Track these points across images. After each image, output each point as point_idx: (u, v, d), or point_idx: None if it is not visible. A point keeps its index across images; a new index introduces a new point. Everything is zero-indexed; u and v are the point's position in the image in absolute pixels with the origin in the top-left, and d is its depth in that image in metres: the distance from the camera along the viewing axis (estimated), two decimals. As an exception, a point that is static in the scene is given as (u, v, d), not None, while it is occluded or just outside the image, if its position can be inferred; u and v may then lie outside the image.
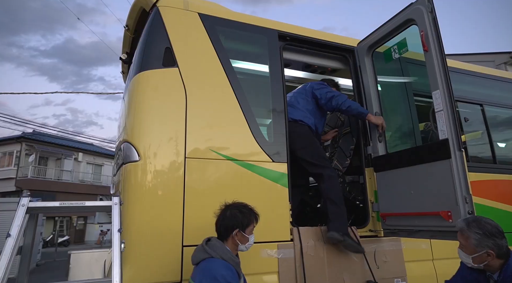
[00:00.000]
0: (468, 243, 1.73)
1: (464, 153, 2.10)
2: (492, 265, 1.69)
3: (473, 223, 1.74)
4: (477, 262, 1.71)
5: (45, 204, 1.26)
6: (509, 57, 12.27)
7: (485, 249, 1.67)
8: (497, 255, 1.67)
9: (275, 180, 2.46)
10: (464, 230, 1.76)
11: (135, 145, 2.20)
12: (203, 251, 1.78)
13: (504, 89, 3.85)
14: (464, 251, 1.75)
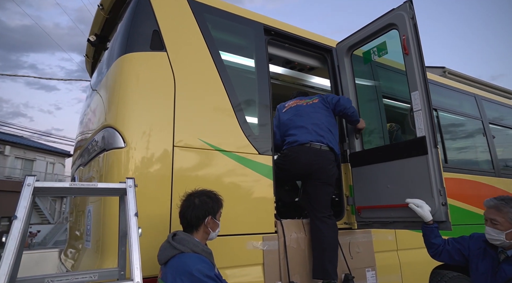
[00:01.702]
0: (505, 218, 1.84)
1: (439, 149, 2.29)
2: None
3: (508, 199, 1.87)
4: (510, 237, 1.83)
5: (53, 185, 1.09)
6: (442, 72, 13.71)
7: None
8: None
9: (261, 172, 2.45)
10: (501, 206, 1.86)
11: (120, 130, 2.05)
12: (171, 248, 1.65)
13: (450, 96, 4.27)
14: (498, 228, 1.86)
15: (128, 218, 1.14)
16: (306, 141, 2.63)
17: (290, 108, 2.90)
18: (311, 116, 2.74)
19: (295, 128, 2.74)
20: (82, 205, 2.64)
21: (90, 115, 2.83)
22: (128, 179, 1.22)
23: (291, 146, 2.69)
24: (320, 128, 2.69)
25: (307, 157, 2.61)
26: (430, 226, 2.19)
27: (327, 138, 2.65)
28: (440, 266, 3.20)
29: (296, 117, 2.79)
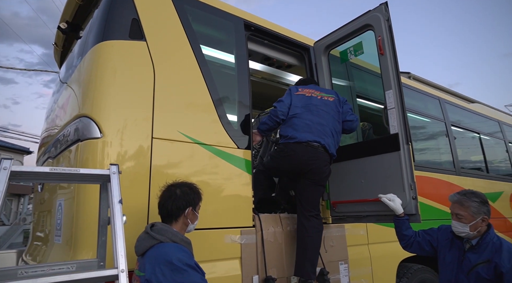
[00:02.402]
0: (467, 212, 1.95)
1: (410, 146, 2.41)
2: (480, 231, 1.95)
3: (469, 194, 1.99)
4: (473, 229, 1.94)
5: (32, 169, 1.01)
6: (408, 77, 14.39)
7: (481, 216, 1.93)
8: (487, 221, 1.94)
9: (240, 166, 2.46)
10: (463, 201, 1.98)
11: (97, 120, 1.97)
12: (150, 238, 1.62)
13: (416, 98, 4.49)
14: (462, 221, 1.97)
15: (112, 205, 1.10)
16: (304, 140, 2.53)
17: (303, 96, 2.71)
18: (320, 115, 2.62)
19: (299, 124, 2.60)
20: (50, 202, 2.51)
21: (60, 108, 2.70)
22: (112, 165, 1.17)
23: (287, 141, 2.59)
24: (323, 130, 2.59)
25: (304, 156, 2.53)
26: (401, 219, 2.29)
27: (326, 141, 2.56)
28: (406, 259, 3.36)
29: (305, 112, 2.63)
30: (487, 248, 1.92)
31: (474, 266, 1.92)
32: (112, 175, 1.14)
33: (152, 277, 1.47)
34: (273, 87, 4.12)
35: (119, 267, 1.03)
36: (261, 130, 2.73)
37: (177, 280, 1.46)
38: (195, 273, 1.53)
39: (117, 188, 1.11)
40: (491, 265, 1.86)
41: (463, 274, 1.96)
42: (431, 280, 3.45)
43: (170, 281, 1.45)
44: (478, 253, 1.94)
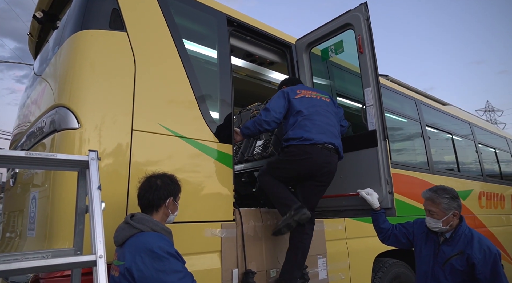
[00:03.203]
0: (439, 208, 2.03)
1: (387, 142, 2.48)
2: (453, 225, 2.03)
3: (440, 190, 2.07)
4: (445, 224, 2.02)
5: (5, 153, 0.96)
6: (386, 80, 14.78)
7: (452, 211, 2.00)
8: (459, 215, 2.02)
9: (220, 160, 2.46)
10: (435, 198, 2.06)
11: (74, 110, 1.92)
12: (130, 227, 1.61)
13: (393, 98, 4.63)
14: (435, 217, 2.04)
15: (91, 191, 1.08)
16: (320, 142, 2.43)
17: (304, 98, 2.63)
18: (326, 116, 2.58)
19: (310, 125, 2.48)
20: (22, 198, 2.43)
21: (34, 101, 2.61)
22: (90, 151, 1.15)
23: (302, 143, 2.43)
24: (333, 131, 2.55)
25: (319, 159, 2.43)
26: (378, 212, 2.36)
27: (338, 143, 2.53)
28: (381, 254, 3.46)
29: (313, 113, 2.54)
30: (460, 241, 2.01)
31: (448, 258, 2.00)
32: (91, 161, 1.11)
33: (132, 265, 1.45)
34: (254, 84, 4.14)
35: (97, 253, 1.01)
36: (243, 134, 2.67)
37: (158, 268, 1.45)
38: (176, 261, 1.52)
39: (96, 174, 1.09)
40: (464, 256, 1.95)
41: (439, 266, 2.04)
42: (405, 274, 3.56)
43: (151, 269, 1.44)
44: (451, 245, 2.03)
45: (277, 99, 2.63)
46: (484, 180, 5.65)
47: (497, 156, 6.55)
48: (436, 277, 2.02)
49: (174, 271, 1.50)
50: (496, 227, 5.46)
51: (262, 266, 2.49)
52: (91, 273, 1.52)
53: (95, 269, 1.02)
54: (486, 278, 1.87)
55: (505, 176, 6.48)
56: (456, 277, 1.95)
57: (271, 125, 2.57)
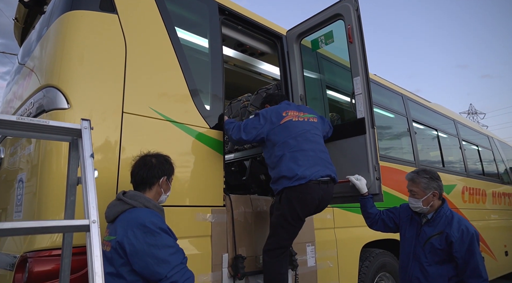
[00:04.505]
0: (419, 188, 2.10)
1: (375, 130, 2.53)
2: (433, 206, 2.09)
3: (421, 171, 2.15)
4: (426, 203, 2.09)
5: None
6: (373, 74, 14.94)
7: (431, 190, 2.07)
8: (439, 195, 2.09)
9: (211, 146, 2.46)
10: (415, 177, 2.15)
11: (63, 90, 1.89)
12: (122, 203, 1.61)
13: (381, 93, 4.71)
14: (416, 197, 2.11)
15: (83, 159, 1.07)
16: (315, 179, 2.25)
17: (291, 123, 2.41)
18: (316, 141, 2.41)
19: (301, 158, 2.28)
20: (8, 182, 2.38)
21: (21, 85, 2.56)
22: (83, 120, 1.14)
23: (298, 184, 2.22)
24: (327, 157, 2.41)
25: (318, 195, 2.26)
26: (366, 198, 2.41)
27: (332, 170, 2.38)
28: (368, 244, 3.52)
29: (303, 141, 2.34)
30: (440, 221, 2.08)
31: (429, 238, 2.06)
32: (83, 130, 1.10)
33: (124, 239, 1.45)
34: (245, 76, 4.16)
35: (90, 217, 1.01)
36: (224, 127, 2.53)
37: (150, 242, 1.46)
38: (167, 236, 1.53)
39: (89, 143, 1.08)
40: (443, 235, 2.02)
41: (420, 246, 2.10)
42: (391, 263, 3.63)
43: (142, 243, 1.45)
44: (433, 226, 2.09)
45: (254, 120, 2.44)
46: (467, 175, 5.81)
47: (480, 153, 6.74)
48: (418, 257, 2.09)
49: (166, 246, 1.50)
50: (478, 221, 5.61)
51: (252, 251, 2.51)
52: (81, 254, 1.52)
53: (89, 234, 1.01)
54: (462, 256, 1.94)
55: (487, 173, 6.67)
56: (435, 256, 2.02)
57: (233, 143, 2.50)
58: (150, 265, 1.45)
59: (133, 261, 1.46)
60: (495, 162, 7.16)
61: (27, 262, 1.62)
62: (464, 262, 1.93)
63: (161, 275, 1.45)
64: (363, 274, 3.36)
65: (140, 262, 1.45)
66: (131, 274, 1.47)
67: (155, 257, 1.45)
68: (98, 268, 0.96)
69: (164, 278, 1.45)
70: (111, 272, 1.47)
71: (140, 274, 1.47)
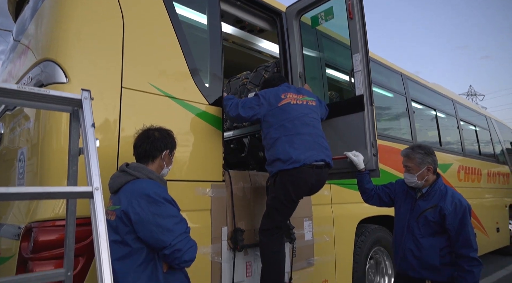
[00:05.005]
0: (413, 163, 2.15)
1: (374, 107, 2.55)
2: (428, 181, 2.14)
3: (416, 147, 2.20)
4: (420, 178, 2.14)
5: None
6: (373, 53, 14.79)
7: (426, 165, 2.11)
8: (433, 170, 2.13)
9: (210, 122, 2.48)
10: (410, 153, 2.19)
11: (61, 64, 1.89)
12: (125, 174, 1.63)
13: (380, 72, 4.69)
14: (411, 172, 2.16)
15: (85, 129, 1.09)
16: (309, 163, 2.25)
17: (289, 106, 2.39)
18: (314, 125, 2.41)
19: (297, 141, 2.28)
20: (9, 157, 2.41)
21: (17, 61, 2.54)
22: (83, 90, 1.15)
23: (292, 167, 2.23)
24: (323, 142, 2.40)
25: (311, 179, 2.29)
26: (363, 173, 2.46)
27: (328, 155, 2.38)
28: (363, 220, 3.60)
29: (300, 125, 2.34)
30: (435, 196, 2.13)
31: (422, 212, 2.12)
32: (84, 100, 1.11)
33: (128, 208, 1.49)
34: (244, 54, 4.12)
35: (93, 184, 1.03)
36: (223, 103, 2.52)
37: (154, 211, 1.50)
38: (171, 206, 1.57)
39: (89, 113, 1.10)
40: (437, 209, 2.07)
41: (414, 220, 2.16)
42: (385, 238, 3.74)
43: (147, 212, 1.49)
44: (427, 200, 2.15)
45: (253, 100, 2.43)
46: (463, 155, 5.87)
47: (477, 133, 6.79)
48: (411, 229, 2.15)
49: (170, 215, 1.55)
50: (472, 199, 5.72)
51: (251, 225, 2.57)
52: (85, 225, 1.57)
53: (92, 201, 1.05)
54: (455, 228, 2.00)
55: (483, 153, 6.74)
56: (428, 229, 2.08)
57: (231, 119, 2.54)
58: (154, 233, 1.49)
59: (138, 229, 1.50)
60: (491, 142, 7.22)
61: (32, 232, 1.67)
62: (456, 234, 1.99)
63: (165, 243, 1.50)
64: (359, 248, 3.46)
65: (145, 231, 1.50)
66: (136, 242, 1.51)
67: (159, 226, 1.50)
68: (102, 231, 1.00)
69: (168, 246, 1.49)
70: (116, 240, 1.52)
71: (145, 242, 1.52)
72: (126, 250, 1.51)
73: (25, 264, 1.67)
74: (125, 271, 1.49)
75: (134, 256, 1.51)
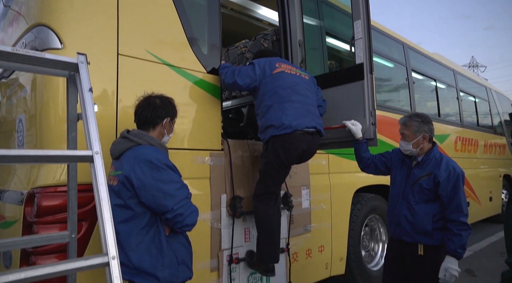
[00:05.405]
0: (410, 131, 2.17)
1: (374, 76, 2.52)
2: (423, 149, 2.17)
3: (413, 115, 2.22)
4: (416, 146, 2.16)
5: None
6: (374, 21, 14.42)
7: (422, 133, 2.13)
8: (429, 138, 2.16)
9: (209, 90, 2.46)
10: (407, 121, 2.21)
11: (56, 29, 1.84)
12: (127, 141, 1.64)
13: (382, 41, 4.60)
14: (407, 140, 2.18)
15: (82, 94, 1.08)
16: (300, 128, 2.28)
17: (283, 74, 2.40)
18: (307, 95, 2.41)
19: (289, 108, 2.29)
20: (7, 125, 2.40)
21: (8, 33, 2.47)
22: (79, 54, 1.13)
23: (284, 133, 2.25)
24: (314, 111, 2.43)
25: (303, 146, 2.31)
26: (360, 142, 2.48)
27: (319, 123, 2.40)
28: (360, 189, 3.67)
29: (292, 93, 2.34)
30: (430, 164, 2.16)
31: (417, 179, 2.16)
32: (80, 64, 1.10)
33: (131, 173, 1.51)
34: (243, 22, 4.01)
35: (93, 149, 1.04)
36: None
37: (156, 177, 1.52)
38: (173, 172, 1.60)
39: (86, 77, 1.08)
40: (431, 176, 2.11)
41: (409, 187, 2.20)
42: (381, 206, 3.83)
43: (149, 178, 1.51)
44: (422, 168, 2.18)
45: (248, 68, 2.41)
46: (461, 126, 5.89)
47: (476, 104, 6.77)
48: (406, 196, 2.20)
49: (172, 181, 1.57)
50: (467, 169, 5.80)
51: (249, 193, 2.62)
52: (87, 191, 1.59)
53: (92, 165, 1.06)
54: (447, 195, 2.05)
55: (481, 124, 6.76)
56: (422, 195, 2.13)
57: (226, 87, 2.51)
58: (157, 198, 1.52)
59: (141, 194, 1.53)
60: (490, 114, 7.23)
61: (35, 197, 1.71)
62: (449, 200, 2.04)
63: (167, 208, 1.53)
64: (354, 216, 3.56)
65: (147, 195, 1.53)
66: (138, 206, 1.55)
67: (161, 191, 1.53)
68: (104, 194, 1.03)
69: (170, 211, 1.53)
70: (119, 204, 1.56)
71: (148, 206, 1.55)
72: (129, 213, 1.56)
73: (30, 228, 1.72)
74: (129, 233, 1.54)
75: (137, 219, 1.55)
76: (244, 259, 2.56)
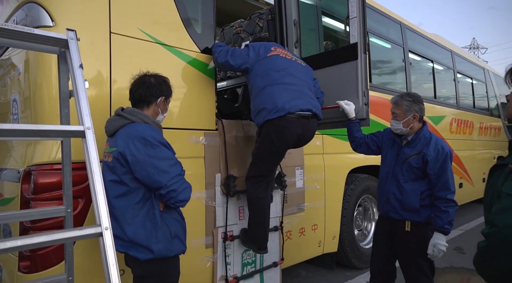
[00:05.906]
0: (400, 110, 2.20)
1: (367, 55, 2.52)
2: (413, 128, 2.20)
3: (404, 95, 2.24)
4: (406, 125, 2.20)
5: None
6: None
7: (412, 113, 2.16)
8: (419, 118, 2.19)
9: (203, 70, 2.46)
10: (398, 100, 2.23)
11: (46, 6, 1.83)
12: (121, 118, 1.66)
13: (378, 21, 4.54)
14: (397, 119, 2.22)
15: (73, 70, 1.09)
16: (295, 111, 2.22)
17: (278, 57, 2.38)
18: (301, 78, 2.37)
19: (282, 91, 2.25)
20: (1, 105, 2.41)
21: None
22: (69, 30, 1.13)
23: (277, 116, 2.20)
24: (309, 92, 2.37)
25: (298, 130, 2.27)
26: (353, 122, 2.50)
27: (315, 105, 2.34)
28: (354, 170, 3.73)
29: (286, 75, 2.31)
30: (419, 143, 2.20)
31: (407, 158, 2.21)
32: (70, 40, 1.11)
33: (125, 150, 1.55)
34: (237, 1, 3.96)
35: (85, 124, 1.07)
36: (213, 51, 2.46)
37: (150, 153, 1.56)
38: (166, 149, 1.63)
39: (76, 53, 1.10)
40: (420, 155, 2.15)
41: (398, 165, 2.25)
42: (374, 186, 3.90)
43: (143, 154, 1.55)
44: (412, 147, 2.22)
45: (243, 50, 2.41)
46: (457, 107, 5.91)
47: (473, 86, 6.76)
48: (395, 174, 2.25)
49: (165, 158, 1.61)
50: (463, 150, 5.87)
51: (243, 172, 2.66)
52: (81, 169, 1.63)
53: (84, 140, 1.09)
54: (435, 173, 2.10)
55: (477, 106, 6.78)
56: (411, 174, 2.18)
57: (218, 66, 2.48)
58: (151, 174, 1.56)
59: (135, 170, 1.57)
60: (487, 96, 7.23)
61: (31, 175, 1.75)
62: (437, 178, 2.09)
63: (161, 184, 1.57)
64: (348, 196, 3.63)
65: (141, 171, 1.57)
66: (133, 182, 1.59)
67: (155, 167, 1.56)
68: (96, 167, 1.06)
69: (164, 186, 1.57)
70: (114, 180, 1.60)
71: (142, 182, 1.59)
72: (124, 189, 1.60)
73: (28, 204, 1.76)
74: (124, 207, 1.58)
75: (132, 194, 1.60)
76: (239, 237, 2.63)
